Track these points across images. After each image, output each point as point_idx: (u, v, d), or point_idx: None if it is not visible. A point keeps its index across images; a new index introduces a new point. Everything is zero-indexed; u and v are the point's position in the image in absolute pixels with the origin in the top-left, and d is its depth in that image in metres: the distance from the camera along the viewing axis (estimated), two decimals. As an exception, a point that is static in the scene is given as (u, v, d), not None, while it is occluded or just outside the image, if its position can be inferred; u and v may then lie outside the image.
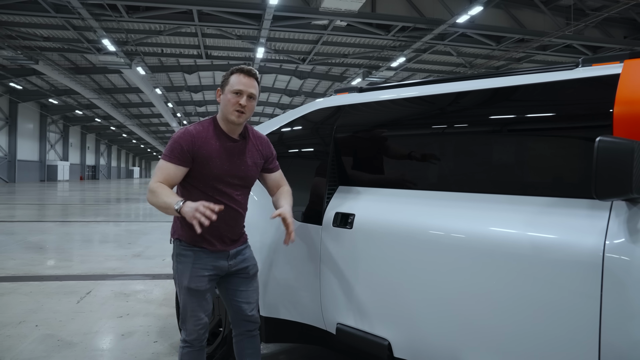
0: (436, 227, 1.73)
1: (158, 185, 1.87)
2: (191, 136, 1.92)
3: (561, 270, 1.41)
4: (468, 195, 1.75)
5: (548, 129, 1.67)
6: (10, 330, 3.38)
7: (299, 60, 22.13)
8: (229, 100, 1.93)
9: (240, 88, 1.92)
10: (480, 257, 1.58)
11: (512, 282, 1.50)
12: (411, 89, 2.18)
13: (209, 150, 1.93)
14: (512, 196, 1.63)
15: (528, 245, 1.48)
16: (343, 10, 15.07)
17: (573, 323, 1.38)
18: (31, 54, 20.78)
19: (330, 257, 2.10)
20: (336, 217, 2.09)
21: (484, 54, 20.49)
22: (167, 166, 1.90)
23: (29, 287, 4.59)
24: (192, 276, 1.95)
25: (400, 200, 1.94)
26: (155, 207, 1.87)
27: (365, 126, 2.30)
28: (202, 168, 1.93)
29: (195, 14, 16.07)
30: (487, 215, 1.63)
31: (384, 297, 1.89)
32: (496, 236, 1.56)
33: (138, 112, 40.43)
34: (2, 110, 33.88)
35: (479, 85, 1.88)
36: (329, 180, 2.22)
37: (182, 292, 1.98)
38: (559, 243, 1.43)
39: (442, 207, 1.78)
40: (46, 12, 15.82)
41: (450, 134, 1.97)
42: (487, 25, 16.81)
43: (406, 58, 20.77)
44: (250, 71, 1.96)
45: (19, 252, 6.49)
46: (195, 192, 1.95)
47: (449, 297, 1.67)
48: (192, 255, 1.96)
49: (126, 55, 20.45)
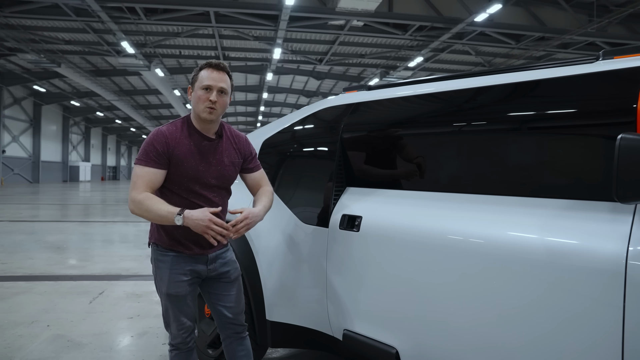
0: (446, 231, 1.64)
1: (145, 195, 1.76)
2: (164, 137, 1.83)
3: (580, 278, 1.31)
4: (480, 197, 1.66)
5: (566, 126, 1.56)
6: (22, 329, 3.39)
7: (316, 60, 22.09)
8: (199, 97, 1.83)
9: (209, 83, 1.83)
10: (493, 263, 1.49)
11: (527, 290, 1.41)
12: (421, 86, 2.09)
13: (182, 151, 1.84)
14: (528, 198, 1.53)
15: (544, 251, 1.38)
16: (360, 10, 14.98)
17: (594, 333, 1.28)
18: (54, 57, 21.20)
19: (337, 261, 2.02)
20: (343, 220, 2.02)
21: (503, 52, 20.15)
22: (146, 172, 1.79)
23: (44, 286, 4.63)
24: (171, 282, 1.88)
25: (410, 203, 1.85)
26: (145, 218, 1.77)
27: (373, 125, 2.22)
28: (176, 170, 1.83)
29: (212, 16, 16.17)
30: (501, 218, 1.54)
31: (392, 304, 1.80)
32: (510, 241, 1.47)
33: (157, 114, 40.91)
34: (27, 113, 34.64)
35: (493, 81, 1.79)
36: (336, 181, 2.15)
37: (162, 297, 1.93)
38: (577, 249, 1.33)
39: (452, 210, 1.69)
40: (67, 16, 16.13)
41: (460, 132, 1.88)
42: (506, 23, 16.50)
43: (424, 58, 20.57)
44: (219, 65, 1.87)
45: (37, 251, 6.57)
46: (170, 195, 1.86)
47: (460, 304, 1.58)
48: (169, 261, 1.89)
49: (145, 57, 20.69)
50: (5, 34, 18.00)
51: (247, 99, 35.43)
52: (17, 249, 6.69)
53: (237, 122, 46.28)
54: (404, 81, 2.24)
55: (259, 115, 39.97)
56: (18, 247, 6.85)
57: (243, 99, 35.31)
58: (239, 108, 39.42)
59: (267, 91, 30.14)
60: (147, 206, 1.73)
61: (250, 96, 34.45)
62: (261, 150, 2.64)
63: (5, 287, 4.57)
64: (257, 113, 39.25)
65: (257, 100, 34.23)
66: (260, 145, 2.65)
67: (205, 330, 2.53)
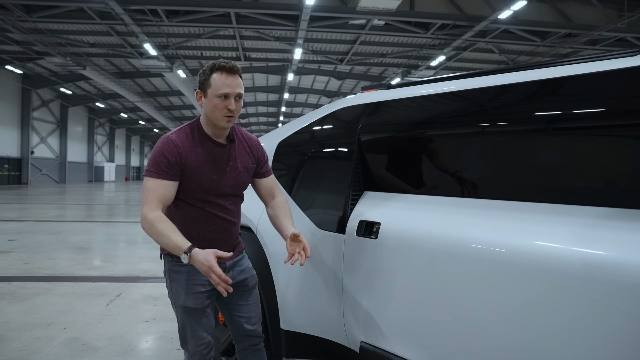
0: (469, 240, 1.52)
1: (157, 216, 1.62)
2: (175, 146, 1.69)
3: (619, 294, 1.18)
4: (508, 204, 1.53)
5: (604, 126, 1.42)
6: (39, 332, 3.38)
7: (336, 60, 22.01)
8: (216, 106, 1.69)
9: (227, 91, 1.68)
10: (523, 275, 1.36)
11: (559, 305, 1.28)
12: (444, 84, 1.97)
13: (196, 161, 1.72)
14: (561, 205, 1.40)
15: (579, 264, 1.25)
16: (381, 9, 14.84)
17: (636, 352, 1.15)
18: (79, 60, 21.65)
19: (354, 269, 1.92)
20: (360, 226, 1.91)
21: (527, 50, 19.69)
22: (158, 185, 1.66)
23: (63, 287, 4.65)
24: (189, 294, 1.76)
25: (431, 209, 1.73)
26: (154, 240, 1.65)
27: (393, 126, 2.10)
28: (190, 180, 1.72)
29: (233, 17, 16.24)
30: (531, 227, 1.41)
31: (411, 316, 1.69)
32: (541, 252, 1.34)
33: (180, 115, 41.42)
34: (54, 114, 35.48)
35: (522, 78, 1.65)
36: (353, 184, 2.04)
37: (179, 311, 1.80)
38: (616, 262, 1.20)
39: (476, 217, 1.57)
40: (92, 19, 16.45)
41: (486, 133, 1.74)
42: (532, 20, 16.11)
43: (446, 56, 20.29)
44: (232, 68, 1.72)
45: (59, 251, 6.64)
46: (184, 206, 1.76)
47: (487, 318, 1.46)
48: (185, 271, 1.76)
49: (167, 59, 20.95)
50: (34, 38, 18.47)
51: (269, 100, 35.58)
52: (40, 249, 6.78)
53: (259, 123, 46.56)
54: (425, 79, 2.12)
55: (280, 115, 40.10)
56: (41, 247, 6.94)
57: (264, 99, 35.47)
58: (260, 108, 39.64)
59: (288, 91, 30.19)
60: (157, 230, 1.60)
61: (271, 97, 34.59)
62: (276, 151, 2.55)
63: (26, 288, 4.61)
64: (279, 113, 39.39)
65: (278, 100, 34.33)
66: (276, 146, 2.57)
67: (219, 337, 2.46)
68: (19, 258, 6.12)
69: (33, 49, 20.87)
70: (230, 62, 1.73)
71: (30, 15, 16.15)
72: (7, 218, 11.00)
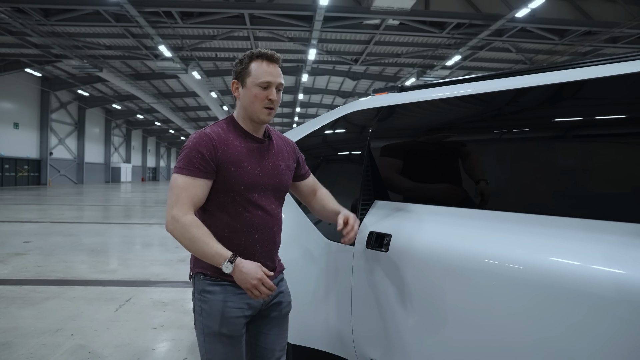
0: (485, 256, 1.40)
1: (192, 220, 1.44)
2: (210, 139, 1.51)
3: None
4: (531, 217, 1.40)
5: (635, 134, 1.29)
6: (47, 338, 3.34)
7: (351, 61, 21.86)
8: (256, 96, 1.54)
9: (268, 80, 1.54)
10: (547, 296, 1.24)
11: (586, 329, 1.16)
12: (460, 86, 1.85)
13: (235, 154, 1.53)
14: (591, 221, 1.27)
15: (610, 286, 1.13)
16: (395, 9, 14.69)
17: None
18: (96, 62, 21.90)
19: (363, 284, 1.81)
20: (370, 238, 1.80)
21: (545, 49, 19.29)
22: (190, 183, 1.47)
23: (73, 292, 4.62)
24: (225, 317, 1.52)
25: (446, 221, 1.61)
26: (184, 246, 1.46)
27: (405, 131, 1.99)
28: (230, 177, 1.52)
29: (247, 18, 16.22)
30: (557, 244, 1.28)
31: (422, 335, 1.58)
32: (568, 271, 1.22)
33: (195, 116, 41.67)
34: (72, 116, 35.98)
35: (547, 80, 1.52)
36: (362, 193, 1.93)
37: (209, 339, 1.53)
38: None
39: (493, 231, 1.45)
40: (107, 22, 16.62)
41: (507, 140, 1.61)
42: (550, 18, 15.78)
43: (462, 56, 20.01)
44: (273, 56, 1.58)
45: (72, 254, 6.65)
46: (220, 215, 1.55)
47: (503, 339, 1.34)
48: (221, 292, 1.53)
49: (182, 61, 21.06)
50: (52, 42, 18.72)
51: (283, 100, 35.42)
52: (53, 252, 6.80)
53: (273, 124, 46.52)
54: (440, 81, 2.00)
55: (295, 116, 40.07)
56: (55, 250, 6.97)
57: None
58: (275, 109, 39.61)
59: (303, 92, 30.15)
60: (193, 235, 1.42)
61: (286, 97, 34.56)
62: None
63: (37, 292, 4.60)
64: (293, 114, 39.36)
65: (292, 101, 34.29)
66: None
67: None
68: (32, 260, 6.14)
69: (51, 52, 21.14)
70: (270, 50, 1.60)
71: (48, 19, 16.38)
72: (24, 219, 11.12)
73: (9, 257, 6.37)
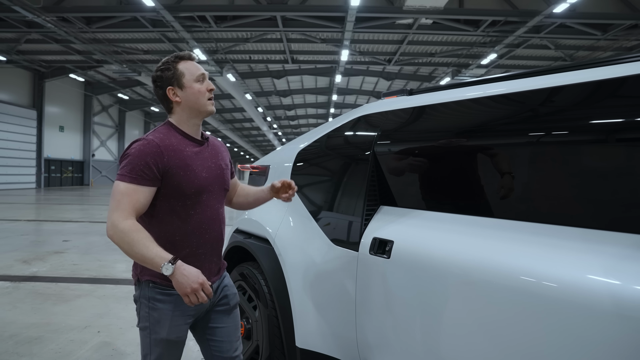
0: (478, 264, 1.36)
1: (132, 225, 1.43)
2: (156, 146, 1.51)
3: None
4: (529, 225, 1.35)
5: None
6: (75, 334, 3.48)
7: (384, 61, 21.71)
8: (199, 91, 1.61)
9: (202, 72, 1.65)
10: (543, 308, 1.20)
11: (583, 342, 1.11)
12: (468, 89, 1.80)
13: (181, 158, 1.56)
14: (593, 231, 1.21)
15: (608, 300, 1.08)
16: (428, 8, 14.49)
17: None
18: (134, 66, 22.60)
19: (367, 290, 1.79)
20: (373, 243, 1.78)
21: (587, 45, 18.55)
22: (133, 189, 1.46)
23: (104, 290, 4.79)
24: (173, 326, 1.56)
25: (450, 228, 1.56)
26: (124, 252, 1.44)
27: (411, 135, 1.96)
28: (179, 181, 1.54)
29: (280, 20, 16.38)
30: (553, 255, 1.24)
31: (424, 345, 1.55)
32: (567, 282, 1.17)
33: (231, 117, 42.35)
34: (113, 119, 37.29)
35: (563, 81, 1.43)
36: (367, 198, 1.91)
37: (155, 343, 1.57)
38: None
39: (484, 239, 1.41)
40: (145, 28, 17.14)
41: (519, 145, 1.54)
42: (591, 12, 15.11)
43: (498, 54, 19.52)
44: (190, 55, 1.68)
45: (106, 253, 6.89)
46: (172, 214, 1.56)
47: (506, 351, 1.30)
48: (172, 301, 1.56)
49: (217, 63, 21.45)
50: (93, 48, 19.47)
51: (318, 101, 35.67)
52: (89, 250, 7.07)
53: (308, 124, 46.78)
54: (452, 83, 1.96)
55: (329, 117, 40.11)
56: (91, 249, 7.24)
57: (313, 101, 35.61)
58: (310, 110, 39.83)
59: (337, 93, 30.14)
60: (132, 239, 1.41)
61: (320, 98, 34.66)
62: (296, 160, 2.47)
63: (70, 289, 4.79)
64: (327, 115, 39.41)
65: (327, 102, 34.35)
66: (296, 155, 2.49)
67: None
68: (69, 259, 6.40)
69: (93, 58, 21.99)
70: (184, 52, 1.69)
71: (90, 26, 17.07)
72: (65, 219, 11.60)
73: (49, 255, 6.67)
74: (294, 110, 38.87)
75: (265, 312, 2.32)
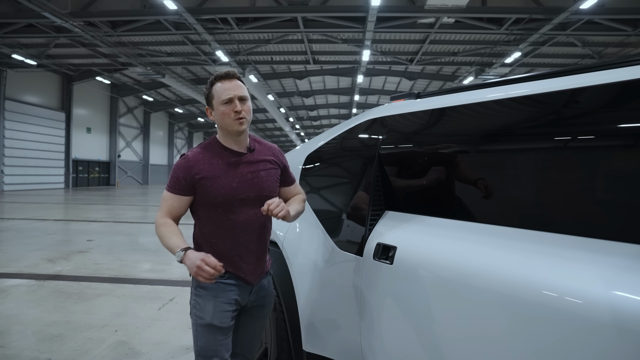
0: (474, 272, 1.34)
1: (164, 221, 1.76)
2: (187, 161, 1.77)
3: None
4: (527, 233, 1.32)
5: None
6: (93, 333, 3.56)
7: (406, 61, 21.54)
8: (224, 113, 1.75)
9: (228, 96, 1.75)
10: (545, 318, 1.17)
11: (579, 355, 1.08)
12: (475, 92, 1.76)
13: (210, 170, 1.76)
14: (596, 240, 1.17)
15: (607, 313, 1.04)
16: (450, 6, 14.33)
17: None
18: (159, 69, 23.02)
19: (371, 295, 1.78)
20: (377, 249, 1.76)
21: (616, 41, 17.99)
22: (170, 197, 1.78)
23: (123, 289, 4.89)
24: (216, 311, 1.76)
25: (454, 235, 1.53)
26: (161, 243, 1.75)
27: (417, 139, 1.94)
28: (207, 191, 1.75)
29: (300, 21, 16.42)
30: (552, 264, 1.21)
31: (424, 352, 1.53)
32: (564, 292, 1.14)
33: (254, 118, 42.69)
34: (138, 120, 38.03)
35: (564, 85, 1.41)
36: (372, 203, 1.90)
37: (201, 329, 1.76)
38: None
39: (479, 245, 1.38)
40: (168, 30, 17.42)
41: (528, 150, 1.49)
42: (620, 8, 14.65)
43: (522, 52, 19.16)
44: (228, 74, 1.79)
45: (127, 253, 7.03)
46: (209, 218, 1.79)
47: (499, 357, 1.27)
48: (214, 288, 1.77)
49: (239, 65, 21.65)
50: (119, 51, 19.88)
51: (340, 102, 35.66)
52: (111, 250, 7.22)
53: (331, 125, 46.83)
54: (460, 86, 1.93)
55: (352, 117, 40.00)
56: (113, 248, 7.39)
57: (336, 101, 35.61)
58: (332, 111, 39.86)
59: (359, 93, 30.07)
60: (160, 232, 1.73)
61: (342, 99, 34.64)
62: (304, 164, 2.48)
63: (91, 288, 4.90)
64: (350, 115, 39.36)
65: (349, 102, 34.31)
66: (304, 159, 2.49)
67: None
68: (92, 258, 6.55)
69: (118, 61, 22.48)
70: (228, 70, 1.81)
71: (115, 30, 17.45)
72: (90, 219, 11.88)
73: (73, 254, 6.84)
74: (316, 110, 38.94)
75: (273, 315, 2.33)
